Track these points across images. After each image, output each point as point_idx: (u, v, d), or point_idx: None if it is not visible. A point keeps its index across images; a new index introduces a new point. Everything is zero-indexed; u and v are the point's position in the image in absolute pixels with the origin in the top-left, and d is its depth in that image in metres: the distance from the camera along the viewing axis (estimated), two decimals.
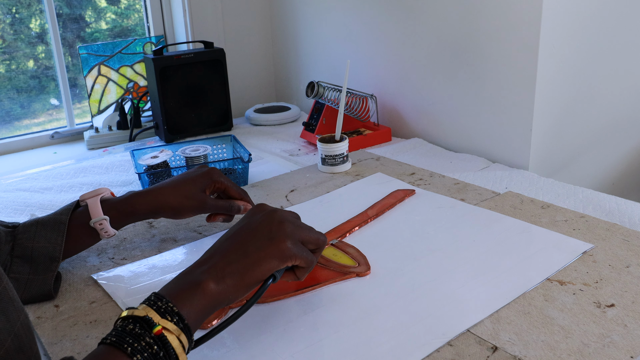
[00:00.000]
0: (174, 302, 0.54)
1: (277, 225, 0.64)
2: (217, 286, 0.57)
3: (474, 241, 0.86)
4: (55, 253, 0.77)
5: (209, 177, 0.87)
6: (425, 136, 1.41)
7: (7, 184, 1.26)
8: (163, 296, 0.54)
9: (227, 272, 0.59)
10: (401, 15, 1.37)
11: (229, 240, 0.63)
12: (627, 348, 0.61)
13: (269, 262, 0.61)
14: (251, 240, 0.62)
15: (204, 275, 0.58)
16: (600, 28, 1.22)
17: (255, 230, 0.63)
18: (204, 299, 0.56)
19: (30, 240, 0.77)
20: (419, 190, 1.06)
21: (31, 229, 0.78)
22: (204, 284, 0.57)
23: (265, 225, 0.64)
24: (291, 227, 0.64)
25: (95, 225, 0.80)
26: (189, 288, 0.57)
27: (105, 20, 1.71)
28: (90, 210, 0.80)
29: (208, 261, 0.60)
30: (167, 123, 1.48)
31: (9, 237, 0.78)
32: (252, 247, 0.61)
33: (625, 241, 0.83)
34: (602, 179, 1.41)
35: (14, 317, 0.51)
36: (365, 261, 0.82)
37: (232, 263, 0.60)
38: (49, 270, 0.77)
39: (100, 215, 0.80)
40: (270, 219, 0.65)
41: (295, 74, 1.79)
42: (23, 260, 0.76)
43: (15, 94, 1.60)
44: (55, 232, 0.78)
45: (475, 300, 0.71)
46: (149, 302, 0.54)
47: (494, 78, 1.20)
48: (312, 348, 0.65)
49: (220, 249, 0.62)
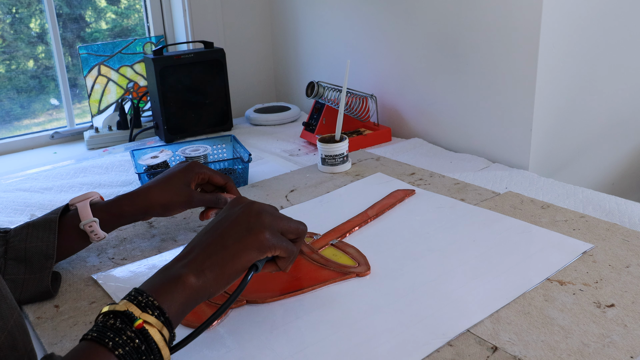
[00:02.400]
0: (155, 296, 0.55)
1: (255, 217, 0.64)
2: (197, 280, 0.58)
3: (474, 241, 0.86)
4: (49, 250, 0.78)
5: (191, 170, 0.88)
6: (425, 136, 1.41)
7: (7, 184, 1.26)
8: (143, 291, 0.55)
9: (207, 265, 0.59)
10: (401, 16, 1.37)
11: (208, 234, 0.63)
12: (627, 348, 0.61)
13: (248, 253, 0.61)
14: (230, 232, 0.62)
15: (183, 269, 0.58)
16: (600, 28, 1.22)
17: (233, 222, 0.63)
18: (185, 293, 0.57)
19: (23, 242, 0.78)
20: (419, 190, 1.06)
21: (23, 231, 0.79)
22: (184, 277, 0.57)
23: (243, 217, 0.64)
24: (269, 217, 0.65)
25: (85, 227, 0.81)
26: (169, 282, 0.57)
27: (105, 20, 1.71)
28: (80, 213, 0.81)
29: (187, 255, 0.61)
30: (167, 123, 1.48)
31: (1, 241, 0.78)
32: (231, 240, 0.61)
33: (625, 241, 0.83)
34: (602, 179, 1.41)
35: (7, 315, 0.52)
36: (365, 261, 0.82)
37: (212, 256, 0.60)
38: (45, 268, 0.77)
39: (89, 218, 0.81)
40: (248, 210, 0.65)
41: (295, 74, 1.79)
42: (17, 262, 0.77)
43: (15, 94, 1.60)
44: (47, 230, 0.79)
45: (475, 300, 0.71)
46: (129, 297, 0.54)
47: (494, 78, 1.20)
48: (312, 348, 0.65)
49: (200, 242, 0.62)
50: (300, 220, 0.70)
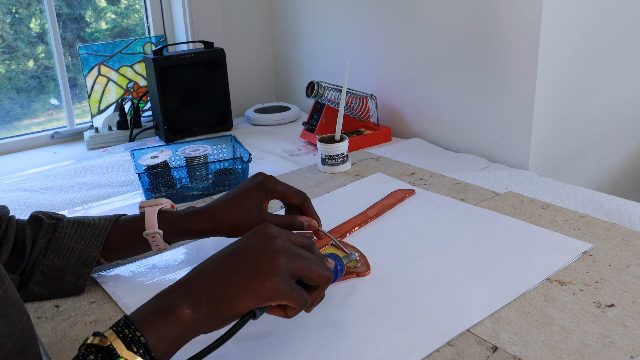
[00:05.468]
0: (143, 329, 0.50)
1: (269, 258, 0.56)
2: (193, 312, 0.53)
3: (474, 241, 0.86)
4: (89, 259, 0.77)
5: (265, 188, 0.80)
6: (425, 136, 1.41)
7: (7, 184, 1.26)
8: (132, 322, 0.51)
9: (205, 299, 0.54)
10: (401, 15, 1.37)
11: (217, 262, 0.57)
12: (627, 348, 0.61)
13: (248, 298, 0.55)
14: (237, 268, 0.56)
15: (179, 300, 0.53)
16: (601, 28, 1.22)
17: (245, 257, 0.57)
18: (177, 327, 0.52)
19: (69, 238, 0.77)
20: (419, 190, 1.06)
21: (73, 226, 0.78)
22: (178, 309, 0.52)
23: (256, 254, 0.57)
24: (285, 261, 0.57)
25: (148, 237, 0.78)
26: (161, 314, 0.52)
27: (105, 20, 1.71)
28: (147, 220, 0.78)
29: (188, 284, 0.56)
30: (167, 123, 1.48)
31: (50, 229, 0.77)
32: (236, 277, 0.55)
33: (625, 241, 0.83)
34: (602, 179, 1.41)
35: (16, 320, 0.51)
36: (365, 261, 0.82)
37: (212, 290, 0.54)
38: (80, 277, 0.77)
39: (154, 229, 0.78)
40: (264, 247, 0.58)
41: (295, 74, 1.79)
42: (55, 255, 0.76)
43: (15, 94, 1.60)
44: (95, 235, 0.77)
45: (475, 300, 0.71)
46: (117, 328, 0.50)
47: (494, 78, 1.20)
48: (312, 348, 0.65)
49: (205, 270, 0.57)
50: (332, 260, 0.64)
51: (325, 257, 0.65)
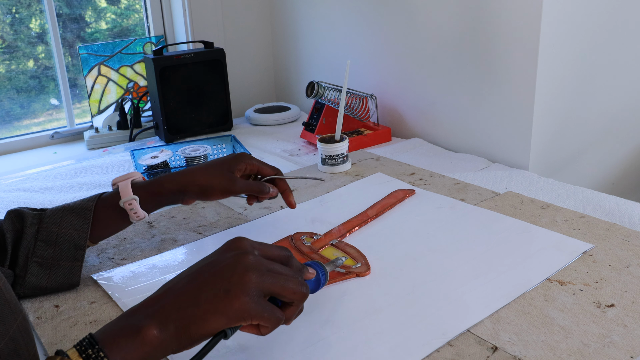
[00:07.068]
0: (107, 349, 0.49)
1: (239, 276, 0.54)
2: (160, 333, 0.51)
3: (474, 241, 0.86)
4: (81, 241, 0.78)
5: (240, 159, 0.86)
6: (425, 136, 1.41)
7: (7, 184, 1.26)
8: (97, 342, 0.49)
9: (173, 318, 0.52)
10: (401, 16, 1.37)
11: (187, 279, 0.55)
12: (627, 348, 0.61)
13: (217, 318, 0.52)
14: (206, 286, 0.53)
15: (147, 320, 0.51)
16: (600, 28, 1.22)
17: (215, 274, 0.54)
18: (143, 348, 0.50)
19: (56, 225, 0.78)
20: (419, 190, 1.06)
21: (57, 213, 0.79)
22: (144, 330, 0.50)
23: (226, 272, 0.54)
24: (256, 279, 0.54)
25: (125, 205, 0.80)
26: (127, 334, 0.50)
27: (105, 20, 1.71)
28: (121, 191, 0.81)
29: (158, 301, 0.53)
30: (167, 123, 1.48)
31: (35, 219, 0.78)
32: (205, 296, 0.52)
33: (625, 241, 0.83)
34: (602, 179, 1.41)
35: (10, 320, 0.51)
36: (365, 261, 0.82)
37: (181, 309, 0.52)
38: (76, 259, 0.78)
39: (129, 195, 0.80)
40: (234, 264, 0.55)
41: (295, 74, 1.79)
42: (47, 245, 0.77)
43: (15, 94, 1.60)
44: (82, 218, 0.79)
45: (475, 300, 0.71)
46: (80, 347, 0.49)
47: (494, 78, 1.20)
48: (312, 348, 0.65)
49: (175, 287, 0.55)
50: (313, 270, 0.63)
51: (306, 267, 0.63)
